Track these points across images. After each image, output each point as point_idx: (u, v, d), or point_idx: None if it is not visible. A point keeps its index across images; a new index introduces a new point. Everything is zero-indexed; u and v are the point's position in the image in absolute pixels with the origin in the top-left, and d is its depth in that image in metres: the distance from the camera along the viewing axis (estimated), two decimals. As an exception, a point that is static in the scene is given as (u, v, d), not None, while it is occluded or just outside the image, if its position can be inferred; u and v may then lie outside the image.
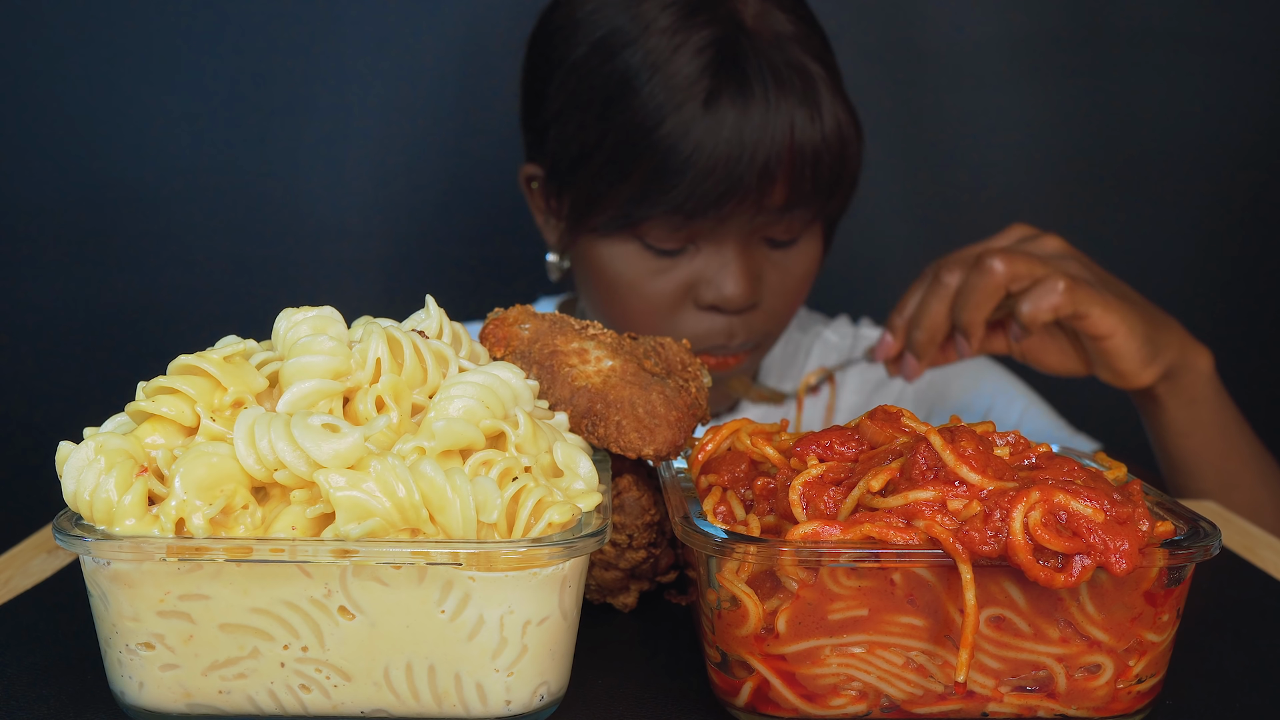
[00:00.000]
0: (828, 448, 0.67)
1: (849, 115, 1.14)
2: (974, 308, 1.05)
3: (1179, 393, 1.12)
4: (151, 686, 0.60)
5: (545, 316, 0.77)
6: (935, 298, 1.08)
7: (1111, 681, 0.61)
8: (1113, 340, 1.05)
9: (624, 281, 1.17)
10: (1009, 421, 1.34)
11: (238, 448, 0.60)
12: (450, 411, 0.64)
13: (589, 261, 1.20)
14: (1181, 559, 0.59)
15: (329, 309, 0.68)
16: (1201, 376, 1.11)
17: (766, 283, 1.18)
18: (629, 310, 1.19)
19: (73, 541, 0.58)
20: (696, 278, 1.16)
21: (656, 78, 1.09)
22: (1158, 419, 1.15)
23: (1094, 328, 1.04)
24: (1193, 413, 1.12)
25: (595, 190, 1.13)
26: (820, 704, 0.61)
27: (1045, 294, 1.02)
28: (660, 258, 1.15)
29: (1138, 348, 1.06)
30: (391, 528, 0.58)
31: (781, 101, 1.09)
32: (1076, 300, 1.03)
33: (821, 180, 1.12)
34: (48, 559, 0.86)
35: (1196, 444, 1.14)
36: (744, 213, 1.11)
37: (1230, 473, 1.15)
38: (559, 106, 1.16)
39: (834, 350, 1.42)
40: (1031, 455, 0.66)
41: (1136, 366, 1.07)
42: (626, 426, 0.71)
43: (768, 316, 1.20)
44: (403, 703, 0.60)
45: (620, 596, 0.78)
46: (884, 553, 0.58)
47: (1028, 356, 1.13)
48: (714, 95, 1.08)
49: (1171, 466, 1.18)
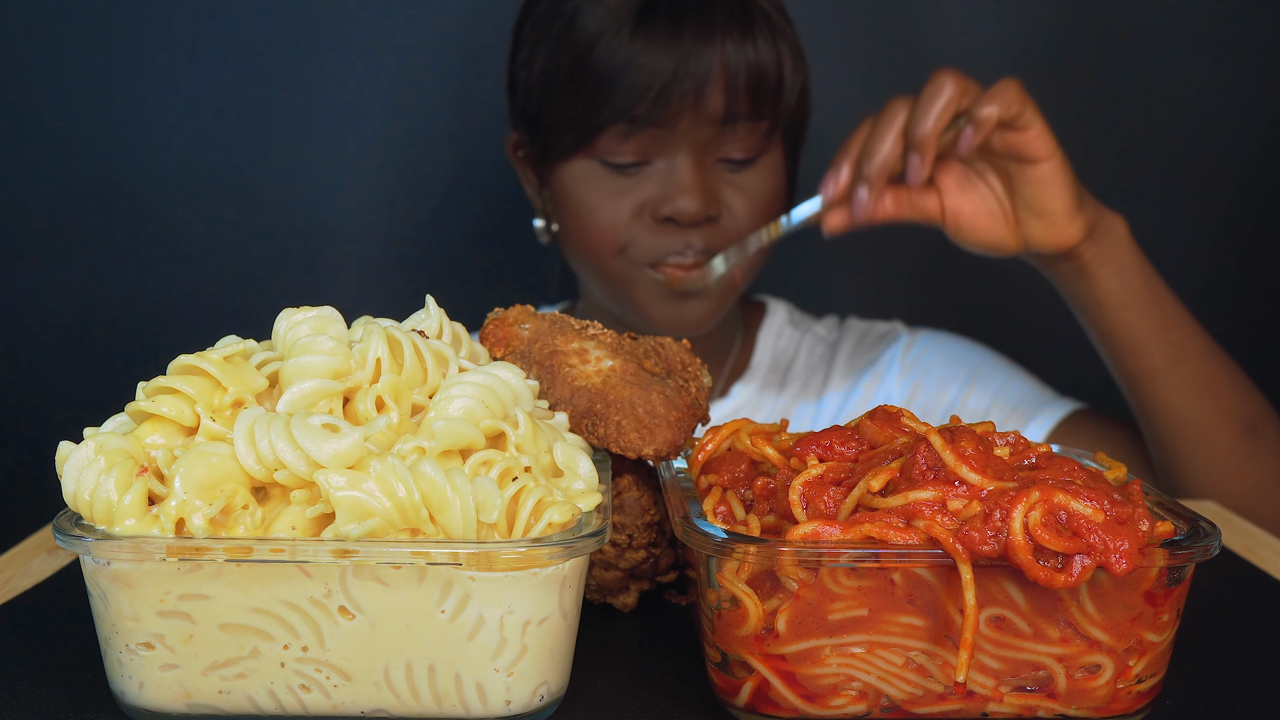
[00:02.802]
0: (828, 448, 0.67)
1: (786, 34, 1.23)
2: (929, 118, 1.04)
3: (1107, 259, 1.11)
4: (151, 686, 0.60)
5: (545, 316, 0.77)
6: (886, 125, 1.07)
7: (1111, 681, 0.61)
8: (1049, 164, 1.06)
9: (586, 204, 1.24)
10: (993, 388, 1.33)
11: (238, 448, 0.60)
12: (450, 411, 0.64)
13: (559, 195, 1.27)
14: (1181, 559, 0.59)
15: (329, 309, 0.68)
16: (1123, 240, 1.12)
17: (725, 202, 1.24)
18: (592, 231, 1.25)
19: (73, 541, 0.58)
20: (652, 194, 1.23)
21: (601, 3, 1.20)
22: (1092, 294, 1.14)
23: (1033, 143, 1.05)
24: (1124, 281, 1.12)
25: (554, 115, 1.23)
26: (820, 704, 0.61)
27: (1001, 91, 1.03)
28: (618, 176, 1.23)
29: (1068, 182, 1.07)
30: (391, 528, 0.58)
31: (712, 18, 1.18)
32: (1025, 102, 1.04)
33: (760, 92, 1.20)
34: (48, 559, 0.86)
35: (1134, 316, 1.13)
36: (685, 120, 1.19)
37: (1175, 344, 1.14)
38: (526, 54, 1.26)
39: (822, 341, 1.44)
40: (1031, 455, 0.66)
41: (1067, 205, 1.07)
42: (626, 426, 0.71)
43: (731, 236, 1.24)
44: (403, 703, 0.60)
45: (620, 596, 0.78)
46: (884, 553, 0.58)
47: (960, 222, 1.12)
48: (645, 11, 1.19)
49: (1116, 348, 1.16)
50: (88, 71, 1.63)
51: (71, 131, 1.65)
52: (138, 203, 1.66)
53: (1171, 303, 1.15)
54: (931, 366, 1.38)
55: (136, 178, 1.66)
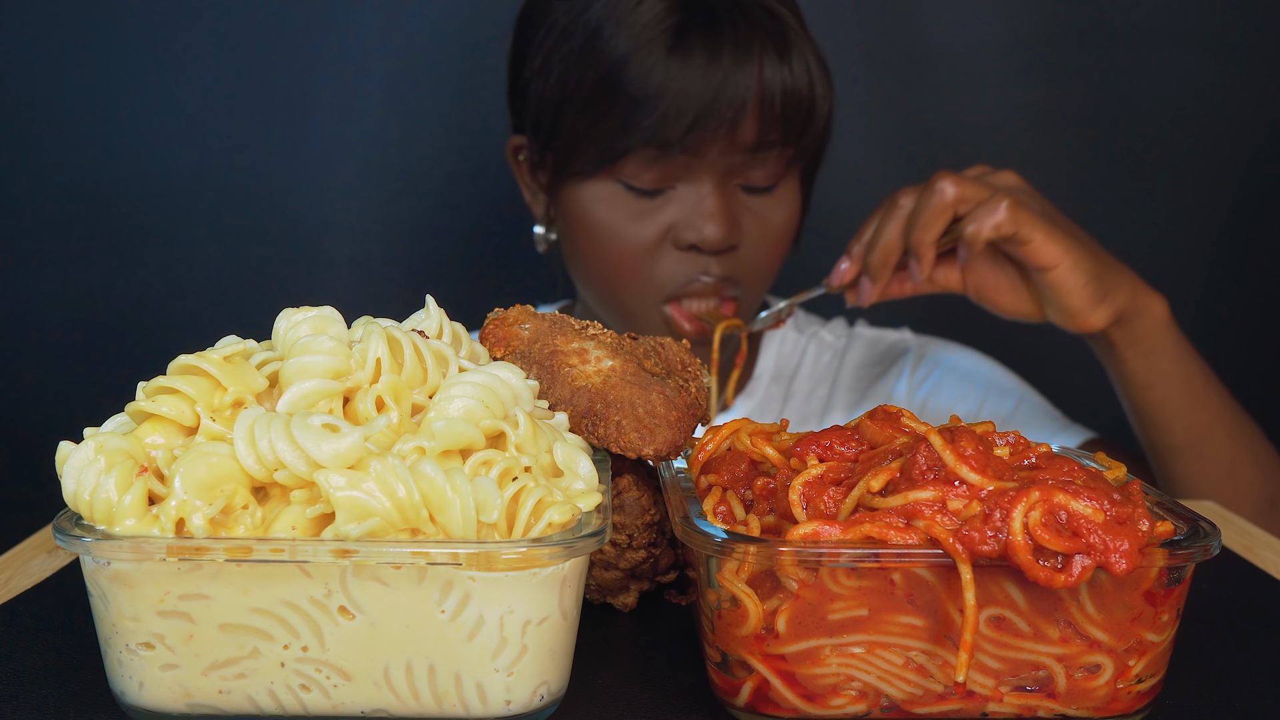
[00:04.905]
0: (828, 448, 0.67)
1: (817, 57, 1.18)
2: (923, 227, 1.08)
3: (1135, 341, 1.11)
4: (151, 686, 0.60)
5: (545, 316, 0.77)
6: (889, 220, 1.11)
7: (1111, 681, 0.61)
8: (1057, 271, 1.06)
9: (605, 226, 1.20)
10: (1003, 413, 1.34)
11: (238, 448, 0.60)
12: (450, 411, 0.64)
13: (572, 213, 1.23)
14: (1181, 559, 0.59)
15: (329, 309, 0.68)
16: (1158, 324, 1.11)
17: (745, 229, 1.21)
18: (610, 256, 1.21)
19: (73, 541, 0.58)
20: (675, 220, 1.19)
21: (629, 18, 1.14)
22: (1119, 371, 1.15)
23: (1037, 255, 1.05)
24: (1152, 363, 1.12)
25: (575, 132, 1.17)
26: (820, 704, 0.61)
27: (988, 213, 1.04)
28: (640, 199, 1.19)
29: (1084, 283, 1.07)
30: (391, 528, 0.58)
31: (751, 38, 1.13)
32: (1018, 221, 1.04)
33: (792, 120, 1.16)
34: (48, 559, 0.86)
35: (1160, 396, 1.13)
36: (716, 148, 1.15)
37: (1200, 426, 1.14)
38: (539, 63, 1.20)
39: (829, 348, 1.43)
40: (1031, 455, 0.66)
41: (1084, 303, 1.07)
42: (626, 426, 0.71)
43: (747, 265, 1.22)
44: (403, 703, 0.60)
45: (620, 596, 0.78)
46: (884, 553, 0.58)
47: (982, 295, 1.14)
48: (683, 31, 1.13)
49: (1140, 422, 1.17)
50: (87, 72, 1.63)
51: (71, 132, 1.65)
52: (138, 203, 1.67)
53: (1202, 384, 1.14)
54: (940, 388, 1.38)
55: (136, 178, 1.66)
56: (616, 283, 1.22)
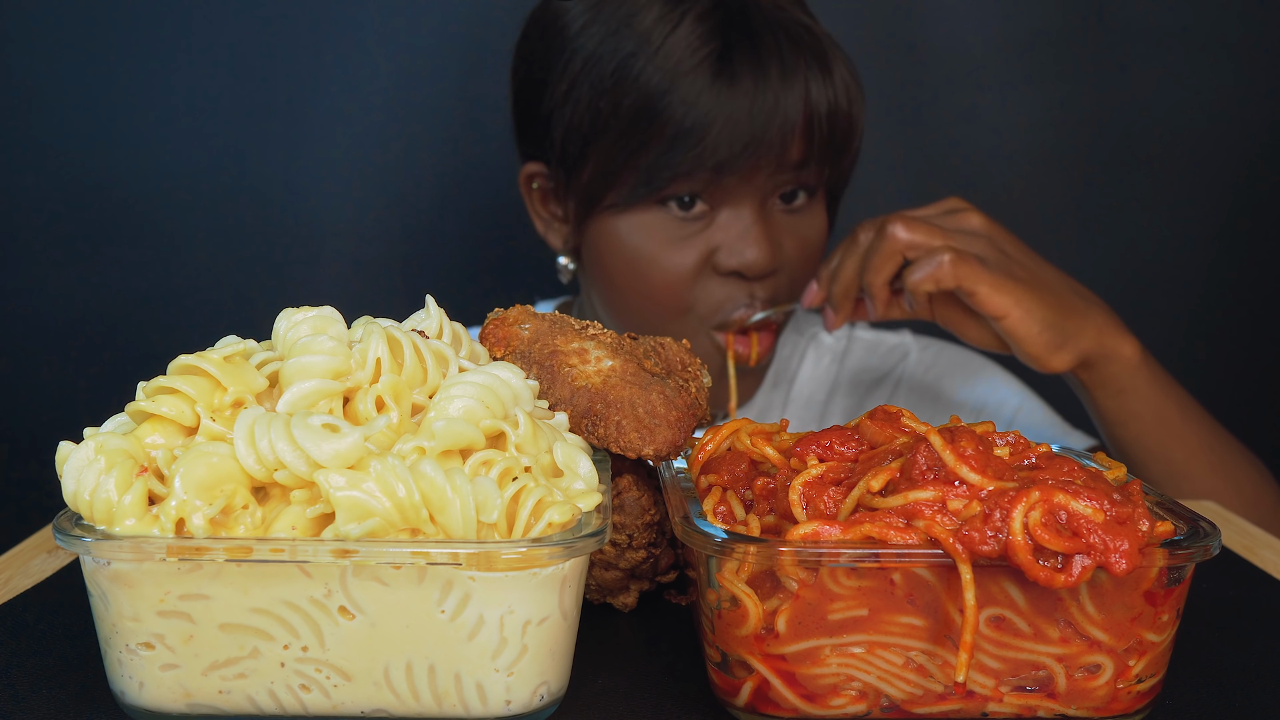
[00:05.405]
0: (828, 448, 0.67)
1: (851, 71, 1.17)
2: (873, 270, 1.09)
3: (1103, 383, 1.11)
4: (151, 686, 0.60)
5: (545, 316, 0.77)
6: (849, 255, 1.12)
7: (1111, 681, 0.61)
8: (1007, 321, 1.05)
9: (644, 255, 1.17)
10: (1004, 418, 1.34)
11: (238, 448, 0.60)
12: (450, 411, 0.64)
13: (605, 243, 1.19)
14: (1181, 559, 0.59)
15: (329, 309, 0.68)
16: (1127, 366, 1.10)
17: (784, 247, 1.19)
18: (651, 285, 1.18)
19: (73, 541, 0.58)
20: (717, 244, 1.17)
21: (666, 44, 1.11)
22: (1091, 408, 1.15)
23: (984, 305, 1.05)
24: (1122, 403, 1.11)
25: (612, 162, 1.14)
26: (820, 704, 0.61)
27: (930, 265, 1.04)
28: (680, 225, 1.16)
29: (1037, 332, 1.06)
30: (391, 528, 0.58)
31: (796, 57, 1.12)
32: (960, 275, 1.04)
33: (836, 136, 1.15)
34: (48, 559, 0.86)
35: (1133, 434, 1.13)
36: (766, 169, 1.14)
37: (1175, 463, 1.13)
38: (564, 90, 1.16)
39: (828, 351, 1.43)
40: (1031, 455, 0.66)
41: (1040, 350, 1.07)
42: (626, 426, 0.71)
43: (787, 282, 1.20)
44: (403, 703, 0.60)
45: (620, 596, 0.78)
46: (884, 553, 0.58)
47: (949, 326, 1.13)
48: (726, 54, 1.10)
49: (1118, 454, 1.17)
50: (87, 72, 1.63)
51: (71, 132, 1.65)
52: (137, 203, 1.67)
53: (1179, 422, 1.13)
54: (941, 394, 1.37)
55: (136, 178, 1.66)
56: (659, 312, 1.19)
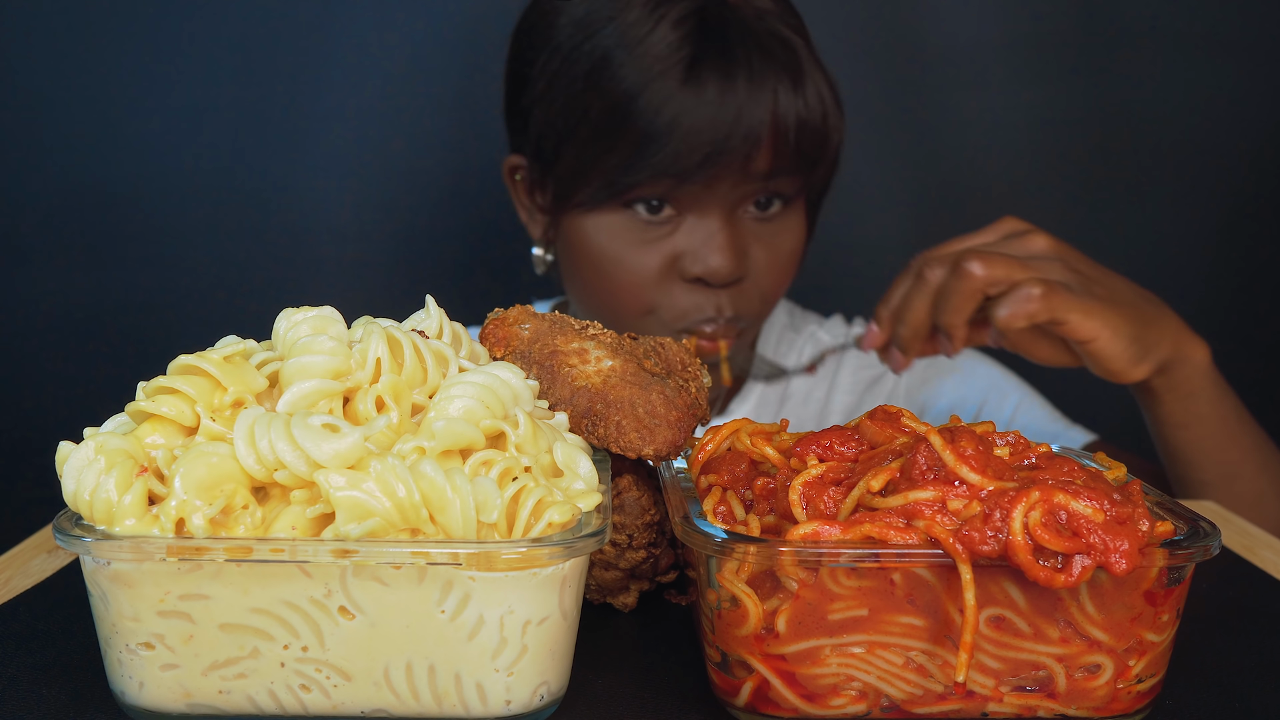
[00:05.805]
0: (828, 448, 0.67)
1: (829, 86, 1.16)
2: (953, 311, 1.05)
3: (1175, 387, 1.11)
4: (151, 686, 0.60)
5: (545, 316, 0.77)
6: (918, 295, 1.08)
7: (1111, 681, 0.61)
8: (1096, 344, 1.04)
9: (610, 255, 1.18)
10: (1003, 415, 1.34)
11: (238, 448, 0.60)
12: (450, 411, 0.64)
13: (575, 240, 1.21)
14: (1181, 559, 0.59)
15: (329, 309, 0.68)
16: (1198, 370, 1.10)
17: (752, 258, 1.19)
18: (616, 286, 1.19)
19: (73, 541, 0.58)
20: (682, 250, 1.17)
21: (640, 48, 1.11)
22: (1155, 412, 1.15)
23: (1074, 333, 1.04)
24: (1189, 405, 1.12)
25: (581, 162, 1.15)
26: (820, 704, 0.61)
27: (1021, 301, 1.01)
28: (646, 229, 1.17)
29: (1123, 349, 1.05)
30: (391, 528, 0.58)
31: (766, 68, 1.11)
32: (1053, 307, 1.01)
33: (805, 148, 1.15)
34: (48, 559, 0.86)
35: (1195, 436, 1.13)
36: (730, 178, 1.13)
37: (1231, 464, 1.14)
38: (543, 87, 1.18)
39: None
40: (1031, 455, 0.66)
41: (1124, 366, 1.07)
42: (626, 426, 0.71)
43: (755, 294, 1.20)
44: (403, 703, 0.60)
45: (620, 596, 0.78)
46: (884, 553, 0.58)
47: (1019, 348, 1.13)
48: (696, 62, 1.10)
49: (1171, 458, 1.17)
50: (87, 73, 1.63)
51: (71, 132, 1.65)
52: (138, 203, 1.67)
53: (1236, 422, 1.14)
54: (939, 392, 1.37)
55: (136, 178, 1.66)
56: (623, 311, 1.20)
